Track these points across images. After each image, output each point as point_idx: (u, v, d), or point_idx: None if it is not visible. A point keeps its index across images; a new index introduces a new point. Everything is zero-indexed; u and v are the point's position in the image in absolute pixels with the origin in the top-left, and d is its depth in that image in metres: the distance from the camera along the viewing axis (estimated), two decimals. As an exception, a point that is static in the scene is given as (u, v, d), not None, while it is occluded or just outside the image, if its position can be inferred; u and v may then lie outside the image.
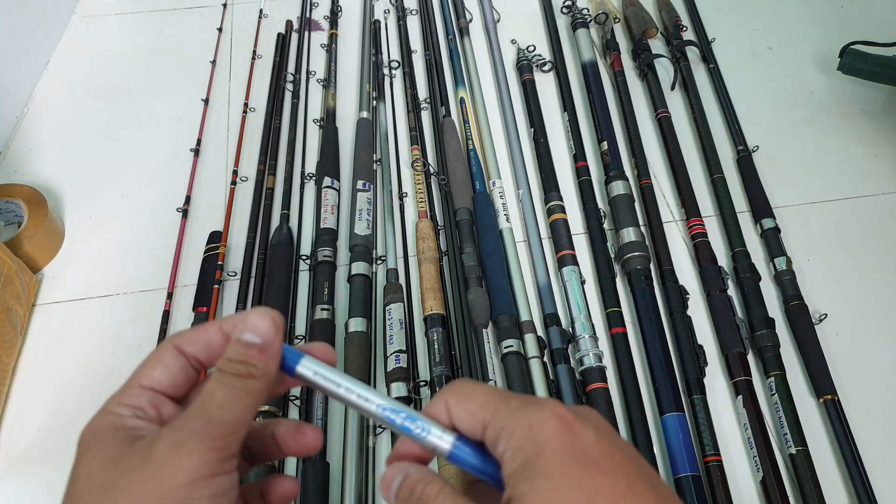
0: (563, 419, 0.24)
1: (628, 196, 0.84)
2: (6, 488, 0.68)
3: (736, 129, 0.93)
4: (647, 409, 0.69)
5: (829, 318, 0.75)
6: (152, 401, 0.27)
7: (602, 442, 0.24)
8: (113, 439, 0.25)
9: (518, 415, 0.25)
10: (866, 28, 1.01)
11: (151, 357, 0.28)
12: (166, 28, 1.16)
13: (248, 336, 0.26)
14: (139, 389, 0.27)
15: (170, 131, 0.99)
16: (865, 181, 0.89)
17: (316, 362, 0.28)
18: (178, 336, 0.28)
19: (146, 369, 0.27)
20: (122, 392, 0.27)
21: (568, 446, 0.24)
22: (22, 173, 0.95)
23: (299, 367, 0.27)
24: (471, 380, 0.28)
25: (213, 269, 0.80)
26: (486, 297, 0.74)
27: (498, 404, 0.26)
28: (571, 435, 0.24)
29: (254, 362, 0.26)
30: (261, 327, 0.26)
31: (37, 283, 0.82)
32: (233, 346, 0.26)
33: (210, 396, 0.25)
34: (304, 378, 0.28)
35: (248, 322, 0.26)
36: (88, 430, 0.26)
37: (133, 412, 0.26)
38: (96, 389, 0.74)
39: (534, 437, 0.24)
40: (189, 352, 0.28)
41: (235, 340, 0.26)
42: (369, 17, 1.12)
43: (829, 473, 0.65)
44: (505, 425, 0.25)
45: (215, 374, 0.26)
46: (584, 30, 1.05)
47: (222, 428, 0.25)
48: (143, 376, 0.27)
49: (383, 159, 0.91)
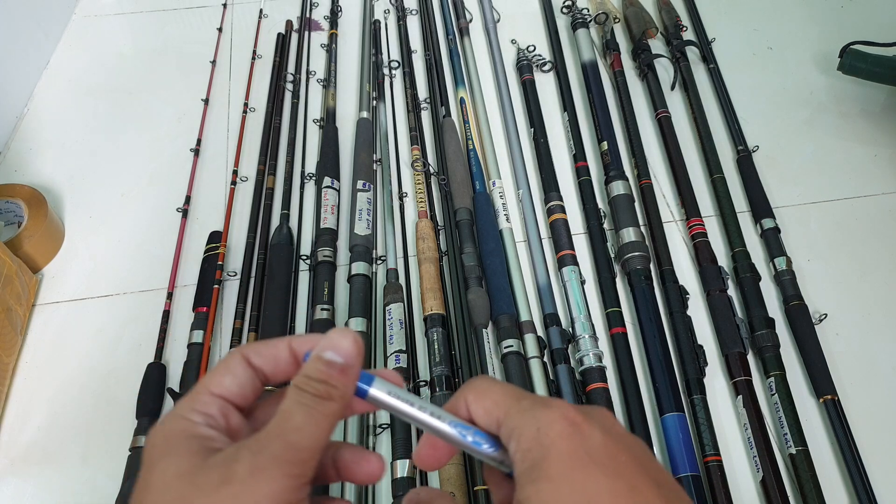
0: (571, 421, 0.24)
1: (628, 196, 0.84)
2: (6, 488, 0.68)
3: (736, 129, 0.93)
4: (647, 409, 0.69)
5: (829, 318, 0.75)
6: (222, 409, 0.26)
7: (608, 443, 0.24)
8: (187, 448, 0.24)
9: (527, 416, 0.25)
10: (866, 28, 1.01)
11: (221, 365, 0.27)
12: (166, 28, 1.16)
13: (329, 355, 0.25)
14: (210, 396, 0.26)
15: (170, 131, 0.99)
16: (865, 181, 0.89)
17: (386, 383, 0.27)
18: (247, 347, 0.28)
19: (216, 377, 0.27)
20: (192, 397, 0.26)
21: (573, 449, 0.24)
22: (22, 173, 0.95)
23: (372, 389, 0.27)
24: (489, 377, 0.28)
25: (213, 269, 0.80)
26: (486, 297, 0.74)
27: (510, 404, 0.26)
28: (577, 437, 0.24)
29: (334, 382, 0.25)
30: (344, 347, 0.26)
31: (37, 283, 0.82)
32: (313, 363, 0.26)
33: (289, 418, 0.25)
34: (377, 401, 0.27)
35: (330, 340, 0.26)
36: (160, 434, 0.25)
37: (205, 420, 0.26)
38: (96, 390, 0.74)
39: (541, 439, 0.24)
40: (256, 364, 0.27)
41: (317, 358, 0.26)
42: (369, 17, 1.12)
43: (829, 473, 0.65)
44: (515, 426, 0.25)
45: (292, 392, 0.25)
46: (584, 30, 1.05)
47: (301, 453, 0.24)
48: (213, 383, 0.27)
49: (383, 159, 0.91)
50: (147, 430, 0.68)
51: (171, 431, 0.25)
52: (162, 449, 0.25)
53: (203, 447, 0.25)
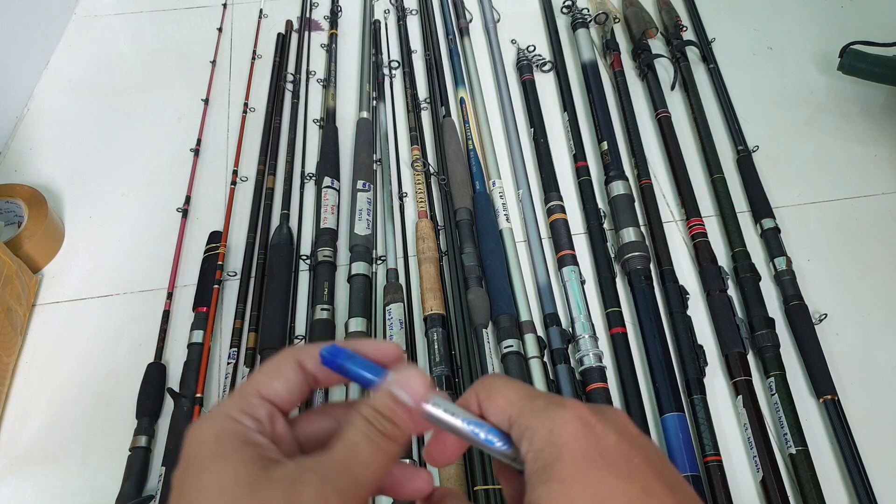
0: (585, 421, 0.24)
1: (628, 196, 0.84)
2: (6, 488, 0.68)
3: (736, 129, 0.93)
4: (647, 409, 0.69)
5: (829, 318, 0.75)
6: (270, 414, 0.26)
7: (622, 444, 0.24)
8: (243, 455, 0.24)
9: (541, 416, 0.25)
10: (866, 28, 1.01)
11: (272, 366, 0.26)
12: (166, 28, 1.16)
13: (401, 393, 0.25)
14: (259, 399, 0.26)
15: (170, 131, 0.99)
16: (865, 181, 0.89)
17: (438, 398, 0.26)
18: (300, 351, 0.27)
19: (267, 378, 0.26)
20: (241, 397, 0.26)
21: (586, 450, 0.24)
22: (22, 173, 0.95)
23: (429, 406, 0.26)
24: (502, 375, 0.28)
25: (213, 269, 0.80)
26: (486, 297, 0.74)
27: (524, 403, 0.25)
28: (591, 438, 0.24)
29: (400, 423, 0.25)
30: (415, 388, 0.25)
31: (37, 283, 0.82)
32: (383, 397, 0.25)
33: (357, 451, 0.24)
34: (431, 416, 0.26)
35: (403, 377, 0.25)
36: (209, 431, 0.24)
37: (256, 425, 0.25)
38: (96, 390, 0.74)
39: (553, 440, 0.24)
40: (309, 368, 0.27)
41: (387, 392, 0.25)
42: (369, 17, 1.12)
43: (829, 473, 0.65)
44: (528, 426, 0.25)
45: (361, 423, 0.25)
46: (584, 30, 1.05)
47: (363, 489, 0.24)
48: (263, 385, 0.26)
49: (383, 159, 0.91)
50: (147, 430, 0.68)
51: (223, 432, 0.24)
52: (214, 449, 0.24)
53: (259, 456, 0.24)
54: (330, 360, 0.26)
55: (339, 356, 0.26)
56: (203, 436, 0.24)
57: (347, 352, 0.26)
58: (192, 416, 0.68)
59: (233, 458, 0.23)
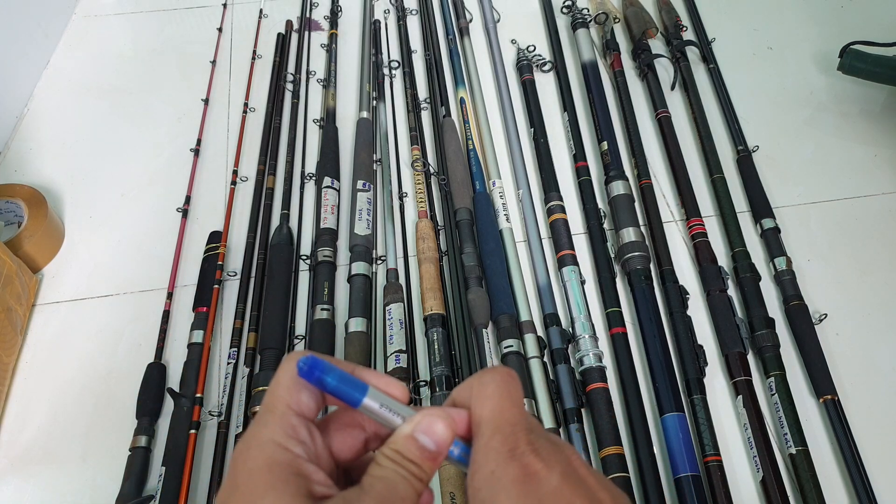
0: (528, 470, 0.24)
1: (628, 196, 0.84)
2: (6, 488, 0.68)
3: (736, 129, 0.93)
4: (647, 409, 0.69)
5: (829, 318, 0.75)
6: (309, 431, 0.26)
7: (564, 488, 0.24)
8: (295, 490, 0.24)
9: (490, 454, 0.25)
10: (866, 28, 1.01)
11: (293, 380, 0.26)
12: (166, 28, 1.16)
13: (425, 440, 0.26)
14: (298, 419, 0.26)
15: (170, 131, 0.99)
16: (865, 181, 0.89)
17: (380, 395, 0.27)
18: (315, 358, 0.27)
19: (294, 395, 0.26)
20: (281, 419, 0.26)
21: (524, 496, 0.24)
22: (22, 173, 0.95)
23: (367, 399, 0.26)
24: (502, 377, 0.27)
25: (213, 269, 0.80)
26: (486, 297, 0.74)
27: (485, 431, 0.26)
28: (531, 485, 0.24)
29: (425, 468, 0.26)
30: (439, 434, 0.26)
31: (37, 283, 0.82)
32: (409, 442, 0.26)
33: (394, 489, 0.25)
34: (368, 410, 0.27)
35: (428, 423, 0.26)
36: (260, 460, 0.25)
37: (304, 450, 0.25)
38: (96, 390, 0.74)
39: (493, 483, 0.24)
40: None
41: (411, 438, 0.26)
42: (369, 17, 1.12)
43: (829, 473, 0.65)
44: (474, 459, 0.26)
45: (391, 464, 0.26)
46: (584, 30, 1.05)
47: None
48: (293, 401, 0.26)
49: (383, 159, 0.91)
50: (147, 430, 0.68)
51: (274, 463, 0.25)
52: (267, 481, 0.24)
53: (308, 491, 0.24)
54: (307, 373, 0.26)
55: (317, 368, 0.26)
56: (253, 465, 0.24)
57: (326, 364, 0.26)
58: (191, 416, 0.68)
59: (284, 492, 0.24)
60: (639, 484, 0.64)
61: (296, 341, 0.74)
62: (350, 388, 0.26)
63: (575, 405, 0.68)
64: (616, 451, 0.65)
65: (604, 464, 0.64)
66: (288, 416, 0.26)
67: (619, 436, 0.66)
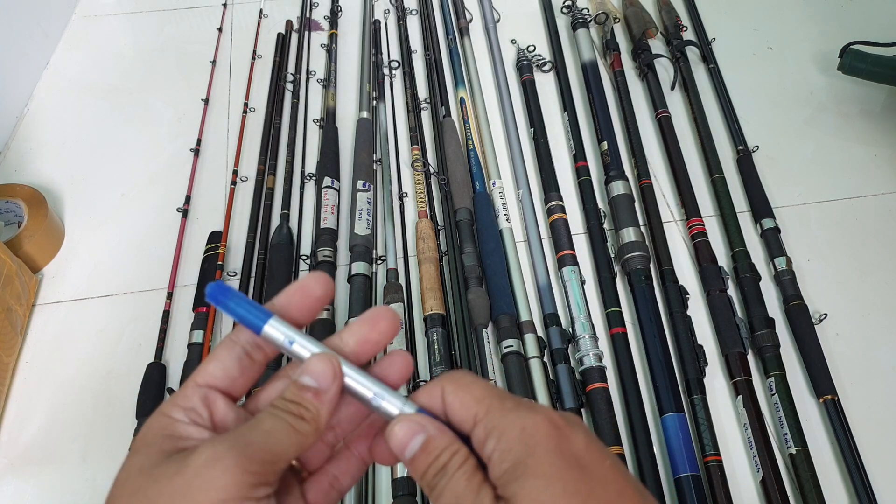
0: (555, 424, 0.25)
1: (628, 196, 0.84)
2: (6, 488, 0.68)
3: (736, 129, 0.93)
4: (647, 409, 0.69)
5: (829, 318, 0.75)
6: (204, 399, 0.27)
7: (591, 448, 0.25)
8: (159, 446, 0.25)
9: (511, 416, 0.25)
10: (866, 28, 1.01)
11: (210, 354, 0.28)
12: (166, 28, 1.16)
13: (305, 379, 0.26)
14: (193, 388, 0.27)
15: (170, 131, 0.99)
16: (865, 181, 0.89)
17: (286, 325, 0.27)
18: (235, 331, 0.28)
19: (202, 366, 0.27)
20: (179, 392, 0.27)
21: (560, 449, 0.24)
22: (22, 173, 0.95)
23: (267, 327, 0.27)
24: (469, 372, 0.28)
25: (213, 269, 0.80)
26: (486, 297, 0.74)
27: (493, 402, 0.26)
28: (563, 439, 0.24)
29: (307, 405, 0.26)
30: (319, 372, 0.26)
31: (37, 283, 0.82)
32: (290, 387, 0.26)
33: (258, 423, 0.25)
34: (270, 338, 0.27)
35: (308, 366, 0.26)
36: (142, 432, 0.26)
37: (187, 415, 0.26)
38: (96, 389, 0.74)
39: (525, 439, 0.24)
40: (243, 339, 0.28)
41: (293, 382, 0.26)
42: (369, 17, 1.12)
43: (829, 473, 0.65)
44: (496, 425, 0.25)
45: (269, 407, 0.26)
46: (584, 30, 1.05)
47: (262, 454, 0.24)
48: (198, 373, 0.27)
49: (383, 159, 0.91)
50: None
51: (150, 429, 0.26)
52: (137, 446, 0.26)
53: (175, 446, 0.25)
54: (213, 296, 0.27)
55: (225, 294, 0.26)
56: (137, 438, 0.26)
57: (233, 291, 0.27)
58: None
59: (147, 451, 0.25)
60: (639, 484, 0.64)
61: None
62: (252, 314, 0.26)
63: (575, 405, 0.68)
64: (616, 451, 0.65)
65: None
66: (185, 389, 0.27)
67: (619, 436, 0.66)
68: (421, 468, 0.26)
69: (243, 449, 0.24)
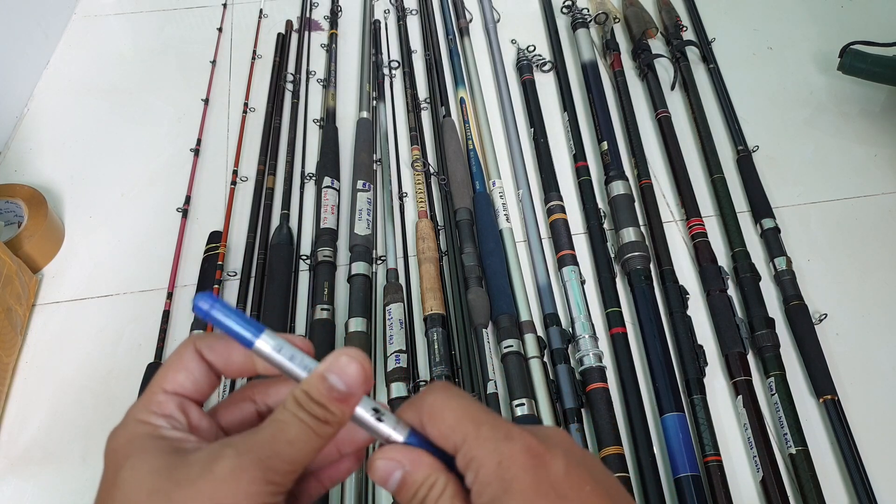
0: (533, 453, 0.24)
1: (628, 196, 0.84)
2: (6, 488, 0.68)
3: (736, 129, 0.93)
4: (647, 409, 0.69)
5: (829, 318, 0.75)
6: (180, 406, 0.26)
7: (571, 472, 0.24)
8: (158, 448, 0.24)
9: (488, 447, 0.24)
10: (866, 28, 1.01)
11: (173, 361, 0.27)
12: (166, 28, 1.16)
13: (334, 379, 0.24)
14: (165, 395, 0.26)
15: (170, 131, 0.99)
16: (865, 181, 0.89)
17: (277, 338, 0.25)
18: (199, 340, 0.27)
19: (170, 373, 0.27)
20: (147, 398, 0.26)
21: (536, 483, 0.24)
22: (22, 173, 0.95)
23: (259, 342, 0.25)
24: (445, 390, 0.27)
25: (213, 269, 0.80)
26: (486, 297, 0.74)
27: (468, 430, 0.25)
28: (540, 469, 0.24)
29: (332, 409, 0.24)
30: (349, 374, 0.24)
31: (37, 283, 0.82)
32: (315, 382, 0.24)
33: (283, 430, 0.24)
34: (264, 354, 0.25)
35: (338, 362, 0.24)
36: (121, 438, 0.25)
37: (167, 421, 0.25)
38: (96, 389, 0.74)
39: (502, 473, 0.24)
40: (209, 359, 0.27)
41: (320, 377, 0.24)
42: (369, 17, 1.12)
43: (829, 473, 0.65)
44: (474, 456, 0.24)
45: (292, 405, 0.24)
46: (584, 30, 1.05)
47: (286, 465, 0.24)
48: (167, 381, 0.26)
49: (383, 159, 0.91)
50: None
51: (133, 435, 0.25)
52: (126, 450, 0.24)
53: (174, 448, 0.24)
54: (199, 309, 0.25)
55: (215, 306, 0.25)
56: (114, 444, 0.25)
57: (223, 303, 0.25)
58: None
59: (147, 453, 0.24)
60: (639, 484, 0.64)
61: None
62: (244, 327, 0.25)
63: (575, 405, 0.68)
64: (616, 451, 0.65)
65: (604, 464, 0.64)
66: (154, 395, 0.26)
67: (619, 436, 0.66)
68: (404, 500, 0.25)
69: (268, 461, 0.24)
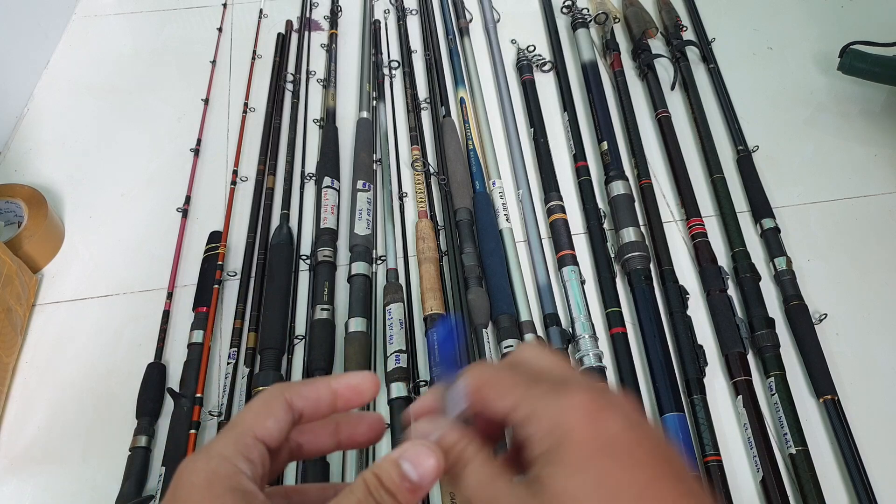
0: (590, 408, 0.24)
1: (628, 196, 0.84)
2: (6, 488, 0.68)
3: (736, 129, 0.93)
4: (647, 409, 0.69)
5: (829, 318, 0.75)
6: (262, 456, 0.26)
7: (628, 432, 0.24)
8: (231, 499, 0.24)
9: (546, 399, 0.25)
10: (866, 28, 1.01)
11: (263, 405, 0.27)
12: (166, 28, 1.16)
13: (408, 468, 0.24)
14: (254, 440, 0.26)
15: (170, 131, 0.99)
16: (865, 181, 0.89)
17: None
18: (289, 388, 0.27)
19: (260, 419, 0.26)
20: (237, 438, 0.26)
21: (592, 436, 0.23)
22: (22, 173, 0.95)
23: None
24: (488, 364, 0.28)
25: (213, 269, 0.80)
26: (486, 297, 0.74)
27: (526, 388, 0.26)
28: (597, 423, 0.24)
29: (402, 500, 0.24)
30: (424, 467, 0.25)
31: (37, 283, 0.82)
32: (389, 468, 0.25)
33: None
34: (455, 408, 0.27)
35: (415, 452, 0.25)
36: (202, 473, 0.25)
37: (249, 468, 0.25)
38: (96, 389, 0.74)
39: (560, 424, 0.24)
40: (298, 406, 0.27)
41: (394, 464, 0.25)
42: (369, 17, 1.12)
43: (829, 473, 0.65)
44: (533, 409, 0.25)
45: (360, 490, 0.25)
46: (584, 30, 1.05)
47: None
48: (257, 426, 0.26)
49: (383, 159, 0.91)
50: (147, 430, 0.68)
51: (216, 476, 0.24)
52: (203, 493, 0.24)
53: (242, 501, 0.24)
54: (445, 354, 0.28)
55: None
56: (195, 478, 0.24)
57: None
58: (191, 416, 0.68)
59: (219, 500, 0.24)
60: (639, 484, 0.64)
61: (296, 341, 0.74)
62: None
63: (575, 405, 0.68)
64: (616, 451, 0.65)
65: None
66: (245, 436, 0.26)
67: (619, 436, 0.66)
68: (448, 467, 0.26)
69: None
